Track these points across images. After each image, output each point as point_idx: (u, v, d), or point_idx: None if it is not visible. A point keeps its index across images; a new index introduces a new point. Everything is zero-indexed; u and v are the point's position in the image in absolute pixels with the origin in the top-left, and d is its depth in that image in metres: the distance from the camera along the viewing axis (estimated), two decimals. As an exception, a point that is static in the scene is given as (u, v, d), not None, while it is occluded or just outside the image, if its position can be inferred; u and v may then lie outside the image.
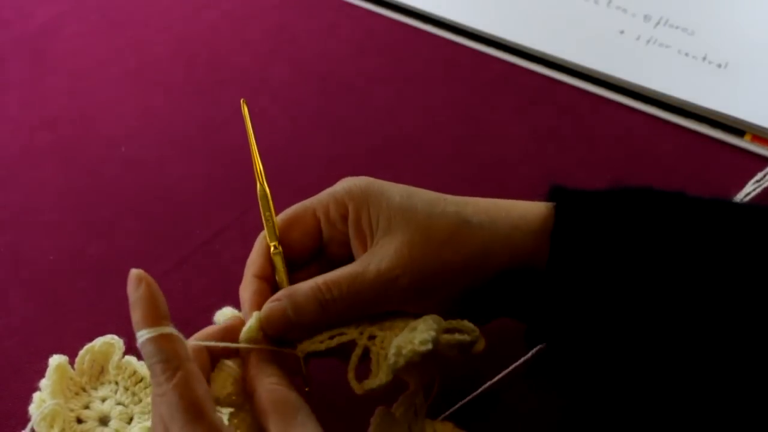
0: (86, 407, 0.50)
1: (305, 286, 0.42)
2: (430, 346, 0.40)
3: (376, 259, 0.42)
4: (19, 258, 0.59)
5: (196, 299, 0.56)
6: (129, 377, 0.51)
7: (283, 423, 0.38)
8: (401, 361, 0.40)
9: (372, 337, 0.43)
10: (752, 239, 0.42)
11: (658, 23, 0.72)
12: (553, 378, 0.48)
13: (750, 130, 0.64)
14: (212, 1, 0.78)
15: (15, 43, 0.75)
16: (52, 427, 0.47)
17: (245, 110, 0.45)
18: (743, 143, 0.63)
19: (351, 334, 0.43)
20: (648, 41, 0.70)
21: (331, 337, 0.43)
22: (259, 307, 0.43)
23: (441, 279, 0.42)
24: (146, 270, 0.57)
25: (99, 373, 0.51)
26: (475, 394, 0.50)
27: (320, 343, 0.43)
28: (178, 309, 0.55)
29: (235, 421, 0.42)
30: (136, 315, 0.39)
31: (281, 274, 0.44)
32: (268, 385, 0.40)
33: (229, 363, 0.43)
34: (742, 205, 0.51)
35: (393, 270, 0.41)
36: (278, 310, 0.42)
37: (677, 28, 0.71)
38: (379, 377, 0.42)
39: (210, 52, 0.74)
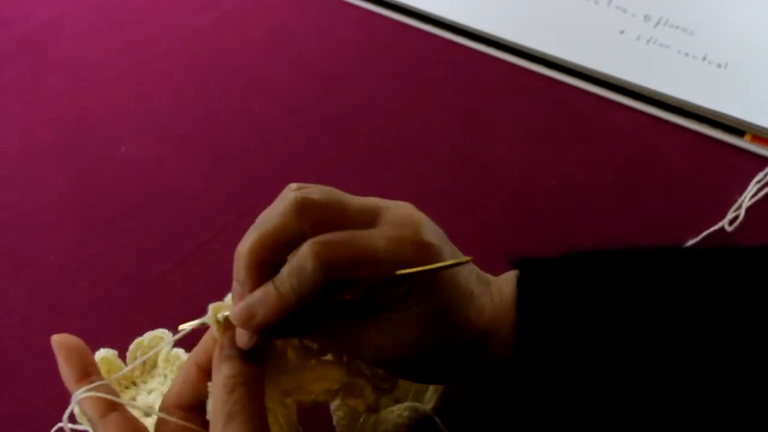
0: (133, 400, 0.50)
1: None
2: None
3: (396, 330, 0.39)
4: (19, 258, 0.59)
5: (196, 299, 0.55)
6: (177, 369, 0.50)
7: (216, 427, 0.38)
8: None
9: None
10: (715, 290, 0.41)
11: (658, 23, 0.72)
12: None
13: (750, 130, 0.64)
14: (212, 1, 0.78)
15: (15, 43, 0.75)
16: None
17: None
18: (743, 143, 0.63)
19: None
20: (648, 41, 0.70)
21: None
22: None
23: (414, 361, 0.41)
24: (146, 270, 0.58)
25: (151, 368, 0.51)
26: None
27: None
28: (178, 309, 0.56)
29: None
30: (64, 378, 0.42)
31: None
32: (214, 390, 0.39)
33: None
34: (698, 252, 0.50)
35: (392, 351, 0.39)
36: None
37: (677, 28, 0.71)
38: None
39: (210, 52, 0.74)
